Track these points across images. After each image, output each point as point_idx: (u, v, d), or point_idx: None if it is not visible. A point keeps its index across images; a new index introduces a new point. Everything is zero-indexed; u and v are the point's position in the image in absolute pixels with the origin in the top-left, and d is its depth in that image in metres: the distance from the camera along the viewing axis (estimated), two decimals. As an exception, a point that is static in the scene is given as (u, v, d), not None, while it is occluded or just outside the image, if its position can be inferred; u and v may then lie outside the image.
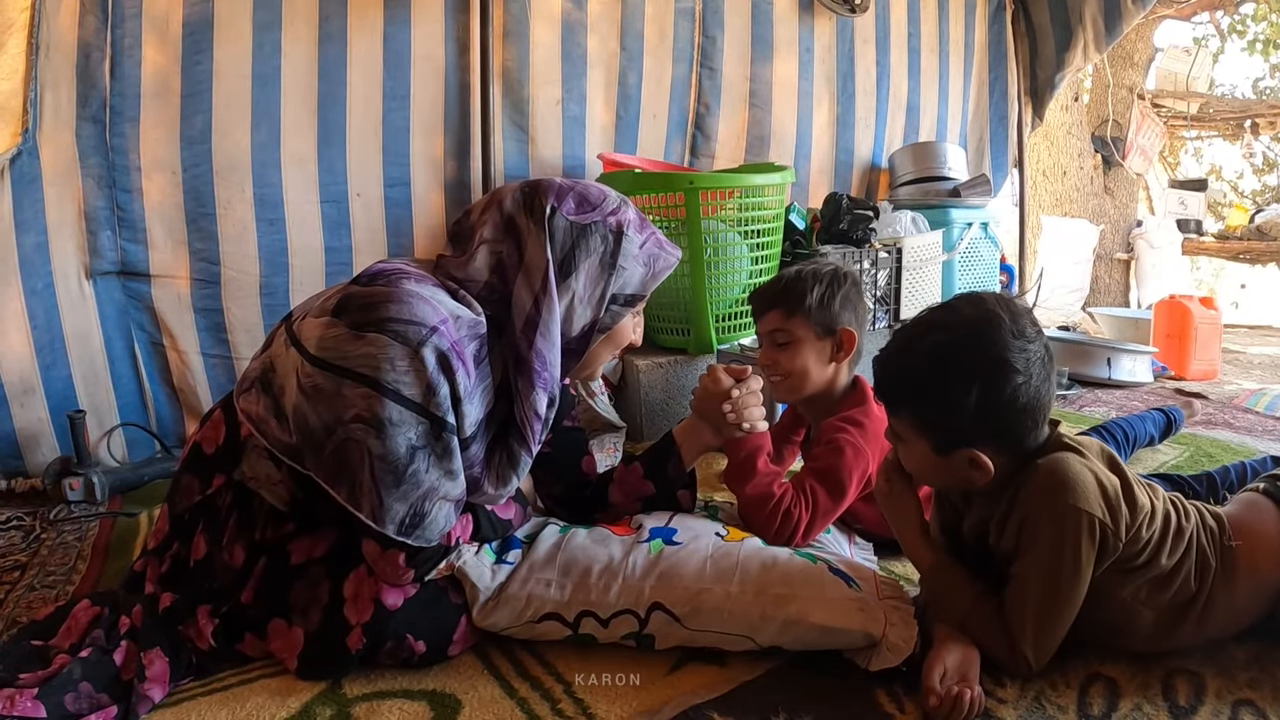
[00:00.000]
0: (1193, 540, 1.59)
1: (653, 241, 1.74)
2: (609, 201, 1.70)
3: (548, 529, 1.84)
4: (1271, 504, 1.71)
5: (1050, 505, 1.51)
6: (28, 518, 2.44)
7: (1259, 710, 1.48)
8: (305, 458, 1.52)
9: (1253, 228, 7.62)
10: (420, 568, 1.59)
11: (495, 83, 3.44)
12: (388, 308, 1.49)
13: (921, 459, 1.63)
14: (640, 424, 3.15)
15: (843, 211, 3.63)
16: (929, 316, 1.62)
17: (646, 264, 1.72)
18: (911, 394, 1.60)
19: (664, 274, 1.76)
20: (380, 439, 1.46)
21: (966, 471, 1.57)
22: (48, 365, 2.66)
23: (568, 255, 1.63)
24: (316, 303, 1.59)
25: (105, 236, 2.74)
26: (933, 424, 1.58)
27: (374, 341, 1.46)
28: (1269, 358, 5.09)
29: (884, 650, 1.55)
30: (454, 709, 1.50)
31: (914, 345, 1.61)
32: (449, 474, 1.54)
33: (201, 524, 1.66)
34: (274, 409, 1.57)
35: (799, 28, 4.29)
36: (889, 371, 1.65)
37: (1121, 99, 7.22)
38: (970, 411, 1.52)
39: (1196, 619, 1.58)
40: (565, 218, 1.64)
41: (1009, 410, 1.53)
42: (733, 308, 3.24)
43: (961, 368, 1.52)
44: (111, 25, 2.67)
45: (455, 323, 1.54)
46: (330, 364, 1.48)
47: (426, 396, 1.48)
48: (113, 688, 1.50)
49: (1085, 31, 5.06)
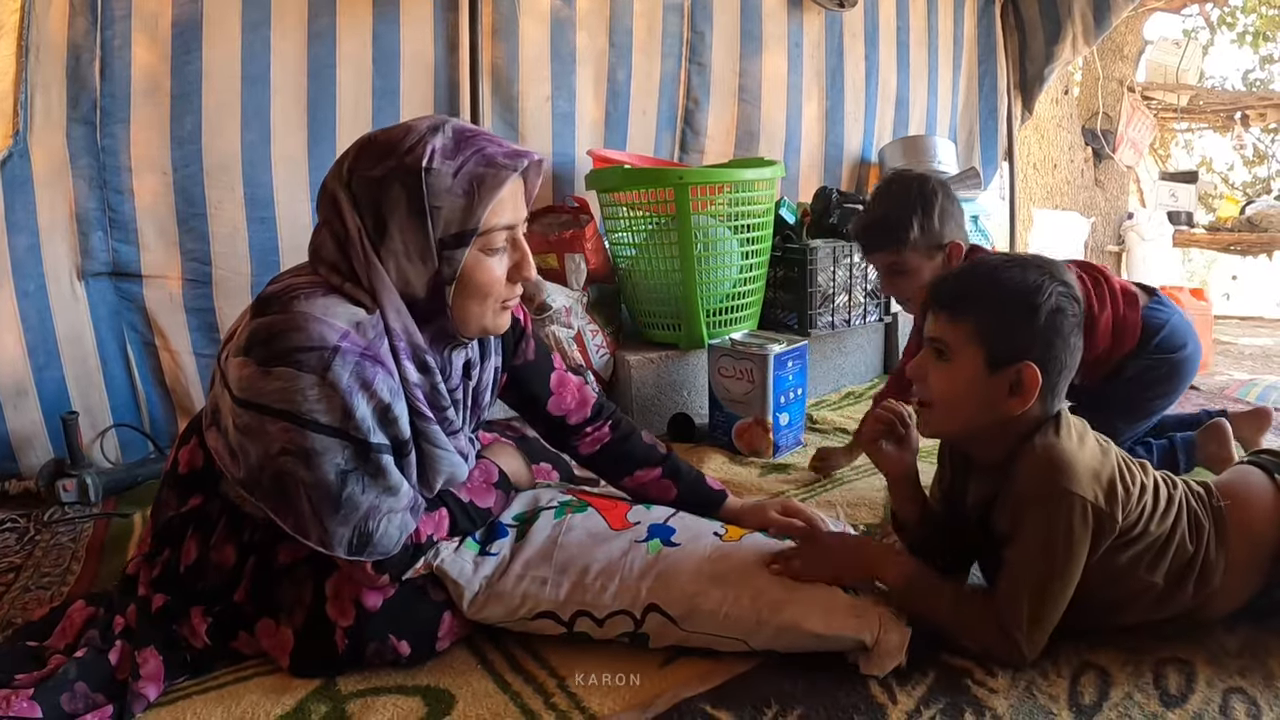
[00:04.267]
0: (1182, 505, 1.61)
1: (474, 161, 1.51)
2: (410, 137, 1.50)
3: (542, 516, 1.82)
4: (1260, 471, 1.72)
5: (1044, 490, 1.51)
6: (22, 519, 2.44)
7: (1249, 698, 1.49)
8: (254, 491, 1.52)
9: (1243, 219, 7.63)
10: (393, 569, 1.59)
11: (485, 80, 3.44)
12: (288, 337, 1.43)
13: (967, 376, 1.57)
14: (632, 419, 3.13)
15: (833, 205, 3.65)
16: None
17: (467, 190, 1.49)
18: (985, 295, 1.57)
19: (496, 192, 1.51)
20: (309, 469, 1.45)
21: (1005, 399, 1.55)
22: (40, 367, 2.66)
23: (375, 216, 1.49)
24: (235, 334, 1.53)
25: (97, 237, 2.73)
26: (999, 326, 1.55)
27: (281, 375, 1.43)
28: (1260, 349, 5.10)
29: (876, 655, 1.56)
30: (448, 704, 1.51)
31: (988, 259, 1.67)
32: (387, 490, 1.52)
33: (191, 529, 1.66)
34: (227, 447, 1.56)
35: (788, 22, 4.29)
36: (961, 278, 1.65)
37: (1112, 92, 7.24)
38: (1042, 317, 1.52)
39: (1196, 581, 1.59)
40: (362, 175, 1.50)
41: (1064, 335, 1.54)
42: (723, 302, 3.24)
43: (1038, 274, 1.54)
44: (101, 26, 2.67)
45: (358, 330, 1.48)
46: (252, 403, 1.45)
47: (345, 420, 1.45)
48: (108, 687, 1.50)
49: (1074, 24, 5.07)
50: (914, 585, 1.64)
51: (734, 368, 2.86)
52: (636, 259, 3.27)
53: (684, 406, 3.23)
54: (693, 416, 3.11)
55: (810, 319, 3.51)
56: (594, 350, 3.17)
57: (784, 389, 2.86)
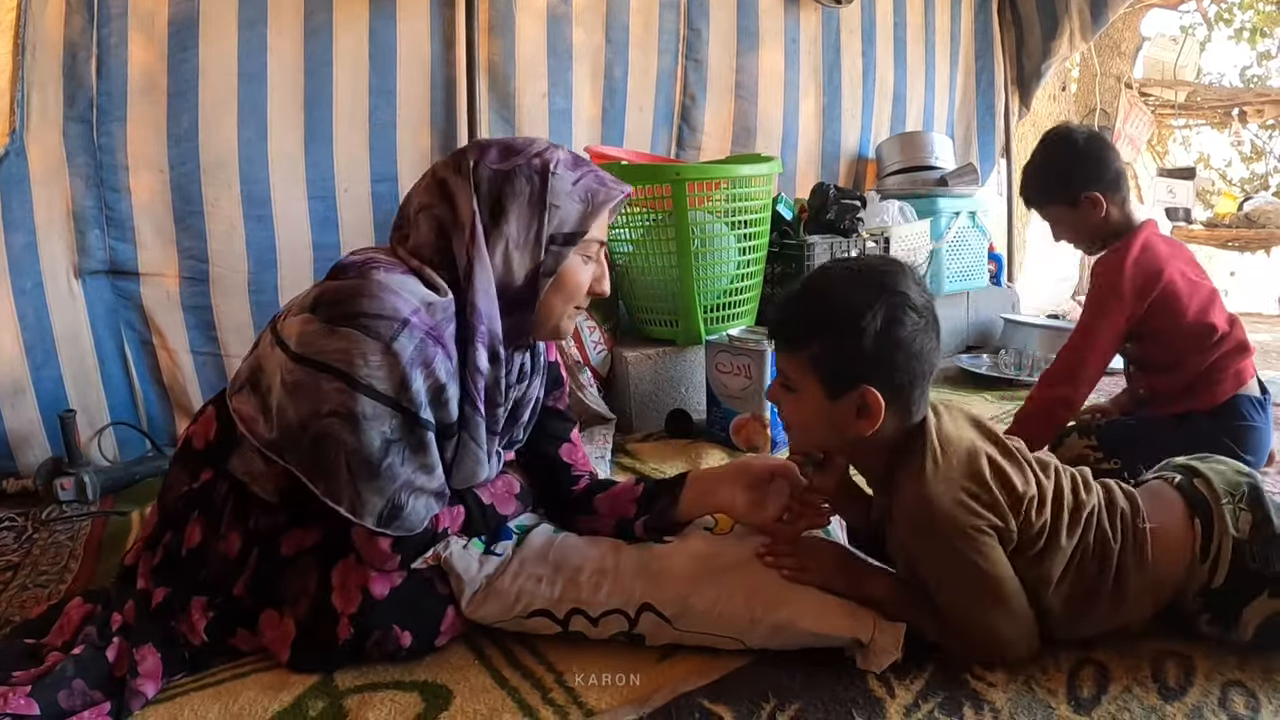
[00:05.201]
0: (1091, 519, 1.56)
1: (590, 178, 1.69)
2: (535, 145, 1.67)
3: (542, 525, 1.84)
4: (1179, 498, 1.63)
5: (925, 539, 1.52)
6: (20, 518, 2.44)
7: (1248, 690, 1.48)
8: (286, 453, 1.54)
9: (1241, 215, 7.63)
10: (406, 553, 1.61)
11: (481, 77, 3.44)
12: (359, 302, 1.49)
13: (811, 407, 1.57)
14: (630, 415, 3.15)
15: (830, 201, 3.64)
16: (829, 264, 1.64)
17: (584, 199, 1.66)
18: (811, 323, 1.55)
19: (605, 208, 1.69)
20: (354, 433, 1.49)
21: (854, 422, 1.53)
22: (38, 365, 2.66)
23: (495, 202, 1.61)
24: (298, 300, 1.60)
25: (94, 236, 2.73)
26: (830, 356, 1.52)
27: (347, 336, 1.48)
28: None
29: (871, 653, 1.56)
30: (445, 699, 1.51)
31: (815, 281, 1.59)
32: (424, 468, 1.56)
33: (197, 512, 1.67)
34: (261, 407, 1.59)
35: (784, 19, 4.29)
36: (790, 307, 1.61)
37: (1109, 88, 7.23)
38: (870, 339, 1.48)
39: (1109, 601, 1.56)
40: (489, 167, 1.62)
41: (904, 348, 1.49)
42: (721, 298, 3.24)
43: (864, 293, 1.50)
44: (98, 24, 2.67)
45: (428, 310, 1.54)
46: (309, 359, 1.49)
47: (400, 391, 1.50)
48: (106, 684, 1.50)
49: (1071, 20, 5.07)
50: (897, 601, 1.61)
51: (731, 364, 2.86)
52: (634, 255, 3.27)
53: (681, 402, 3.23)
54: (690, 412, 3.11)
55: (808, 315, 3.48)
56: (591, 347, 3.16)
57: (782, 385, 2.85)
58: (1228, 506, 1.58)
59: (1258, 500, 1.58)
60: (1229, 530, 1.55)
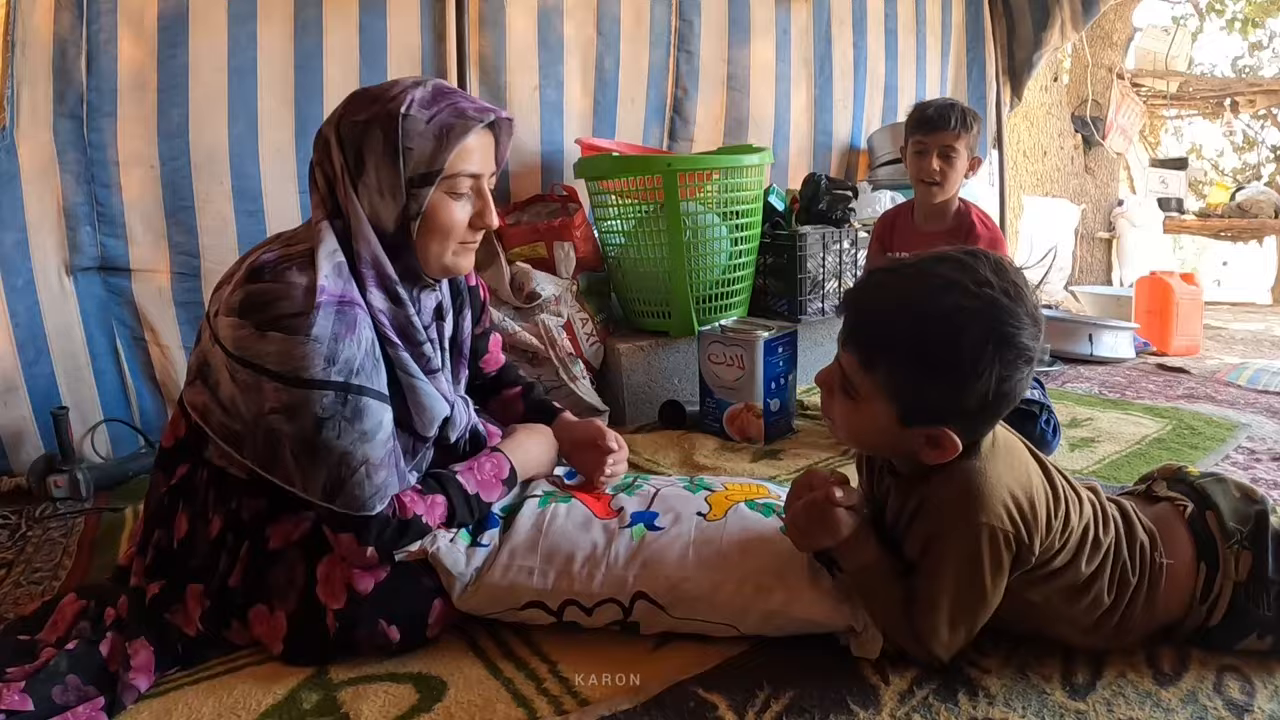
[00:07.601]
0: (1110, 553, 1.50)
1: (446, 112, 1.64)
2: (394, 88, 1.65)
3: (526, 504, 1.83)
4: (1189, 539, 1.57)
5: (955, 519, 1.41)
6: (13, 516, 2.43)
7: (1243, 675, 1.49)
8: (243, 447, 1.59)
9: (1234, 205, 7.64)
10: (381, 547, 1.61)
11: (472, 70, 3.44)
12: (279, 305, 1.52)
13: (872, 420, 1.42)
14: (623, 407, 3.15)
15: (822, 192, 3.65)
16: (945, 270, 1.36)
17: (437, 135, 1.62)
18: (903, 351, 1.36)
19: (462, 139, 1.63)
20: (291, 421, 1.53)
21: (921, 448, 1.41)
22: (30, 362, 2.65)
23: (356, 154, 1.62)
24: (225, 292, 1.61)
25: (85, 232, 2.72)
26: (915, 389, 1.37)
27: (274, 340, 1.51)
28: (1251, 334, 5.11)
29: (864, 638, 1.56)
30: (440, 690, 1.51)
31: (916, 296, 1.36)
32: (363, 436, 1.56)
33: (182, 504, 1.68)
34: (213, 399, 1.62)
35: (775, 10, 4.30)
36: (881, 316, 1.41)
37: (1101, 78, 7.23)
38: (973, 396, 1.32)
39: (1114, 628, 1.53)
40: (349, 120, 1.63)
41: (1005, 399, 1.36)
42: (713, 289, 3.24)
43: (979, 344, 1.31)
44: (87, 20, 2.66)
45: (334, 279, 1.58)
46: (249, 361, 1.53)
47: (328, 366, 1.52)
48: (99, 679, 1.51)
49: (1063, 10, 5.09)
50: (865, 574, 1.55)
51: (724, 354, 2.86)
52: (626, 247, 3.27)
53: (675, 393, 3.23)
54: (683, 403, 3.11)
55: (800, 305, 3.51)
56: (584, 338, 3.16)
57: (774, 375, 2.86)
58: (1233, 549, 1.53)
59: (1259, 536, 1.54)
60: (1232, 575, 1.52)
